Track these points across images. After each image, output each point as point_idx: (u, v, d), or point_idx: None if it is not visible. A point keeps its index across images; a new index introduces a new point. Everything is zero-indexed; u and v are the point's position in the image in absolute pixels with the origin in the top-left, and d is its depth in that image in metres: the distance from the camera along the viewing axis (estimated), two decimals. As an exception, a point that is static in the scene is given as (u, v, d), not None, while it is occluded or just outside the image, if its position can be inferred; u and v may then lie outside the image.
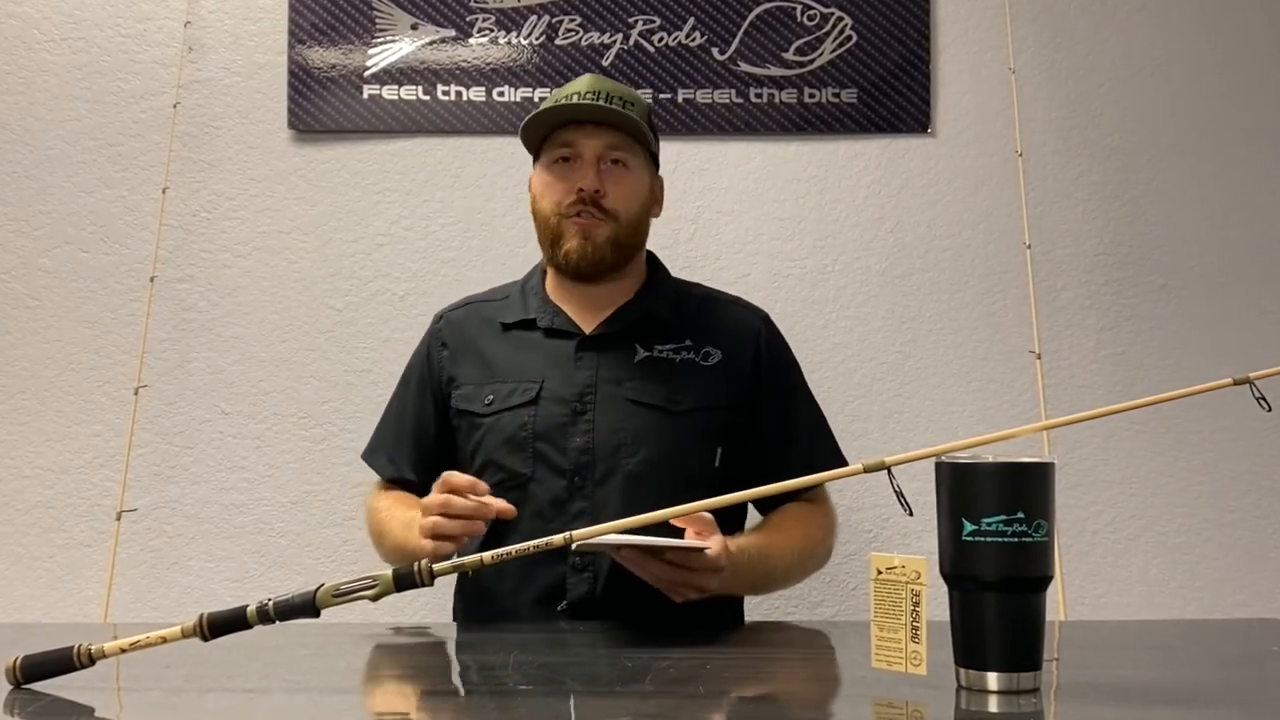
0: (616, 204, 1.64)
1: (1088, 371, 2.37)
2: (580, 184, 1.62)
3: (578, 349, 1.64)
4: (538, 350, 1.66)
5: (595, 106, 1.61)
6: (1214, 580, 2.35)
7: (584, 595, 1.54)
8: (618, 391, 1.61)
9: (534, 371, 1.64)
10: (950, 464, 1.02)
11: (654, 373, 1.64)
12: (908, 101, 2.38)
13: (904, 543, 2.28)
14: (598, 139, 1.63)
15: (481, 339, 1.71)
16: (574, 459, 1.58)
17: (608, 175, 1.64)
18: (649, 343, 1.66)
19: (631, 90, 1.69)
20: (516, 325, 1.69)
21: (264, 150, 2.35)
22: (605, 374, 1.63)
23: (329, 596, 1.07)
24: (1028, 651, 1.00)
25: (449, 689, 1.18)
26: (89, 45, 2.35)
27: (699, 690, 1.09)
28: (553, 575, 1.55)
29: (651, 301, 1.70)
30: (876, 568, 1.03)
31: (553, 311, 1.68)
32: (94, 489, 2.29)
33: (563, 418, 1.60)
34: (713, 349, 1.67)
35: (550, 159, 1.67)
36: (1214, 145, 2.41)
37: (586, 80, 1.67)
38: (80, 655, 1.07)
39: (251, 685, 1.13)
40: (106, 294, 2.32)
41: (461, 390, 1.67)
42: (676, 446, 1.61)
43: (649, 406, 1.61)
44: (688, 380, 1.64)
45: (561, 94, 1.67)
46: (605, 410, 1.60)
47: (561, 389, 1.62)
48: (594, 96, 1.62)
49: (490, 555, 1.10)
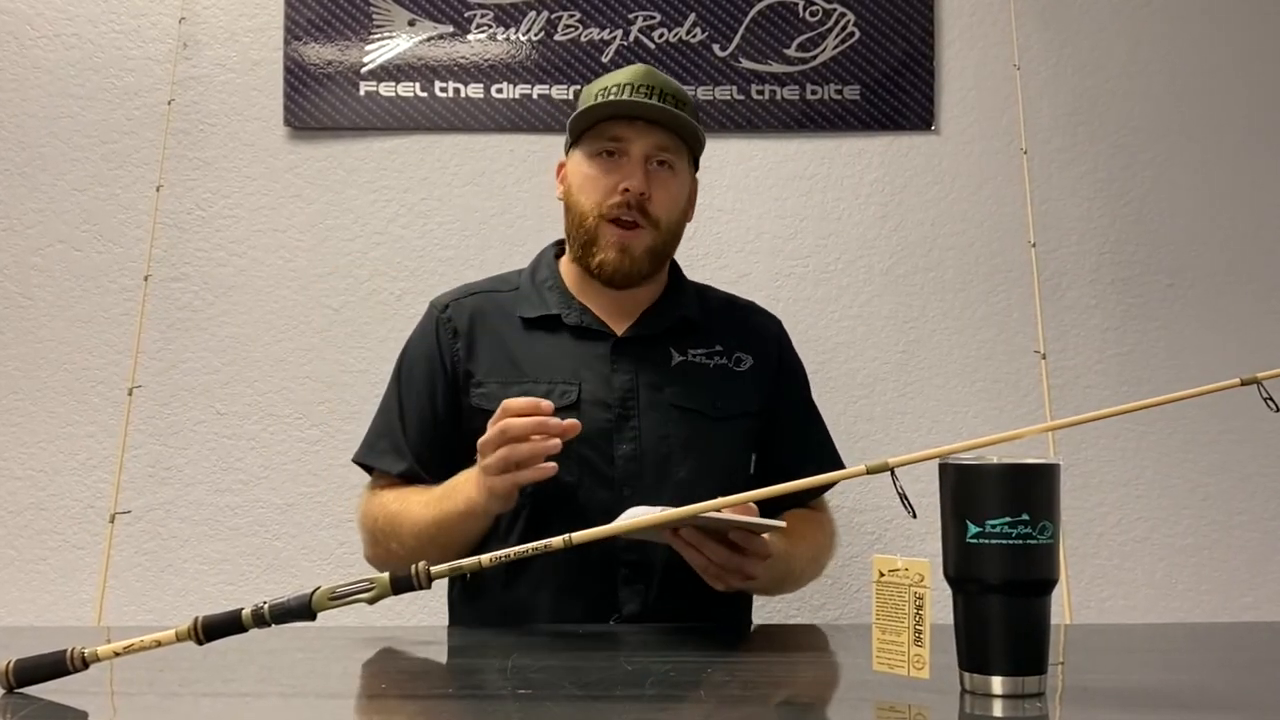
0: (659, 210, 1.58)
1: (1093, 371, 2.37)
2: (626, 183, 1.56)
3: (613, 351, 1.60)
4: (569, 350, 1.60)
5: (655, 106, 1.56)
6: (1221, 583, 2.35)
7: (638, 610, 1.52)
8: (660, 397, 1.59)
9: (568, 373, 1.58)
10: (954, 465, 1.02)
11: (692, 378, 1.62)
12: (911, 98, 2.38)
13: (907, 545, 2.28)
14: (649, 137, 1.57)
15: (502, 332, 1.63)
16: (622, 467, 1.54)
17: (654, 177, 1.58)
18: (682, 346, 1.64)
19: (682, 87, 1.63)
20: (539, 321, 1.63)
21: (259, 148, 2.35)
22: (645, 378, 1.59)
23: (325, 599, 1.07)
24: (1033, 655, 1.00)
25: (446, 693, 1.17)
26: (82, 41, 2.36)
27: (699, 695, 1.09)
28: (601, 587, 1.52)
29: (680, 304, 1.67)
30: (879, 570, 1.03)
31: (580, 309, 1.63)
32: (87, 491, 2.29)
33: (606, 423, 1.55)
34: (743, 354, 1.66)
35: (594, 149, 1.59)
36: (1222, 142, 2.41)
37: (640, 72, 1.60)
38: (74, 659, 1.07)
39: (247, 689, 1.13)
40: (100, 293, 2.32)
41: (485, 388, 1.59)
42: (719, 453, 1.60)
43: (692, 413, 1.59)
44: (724, 386, 1.63)
45: (612, 82, 1.59)
46: (650, 416, 1.57)
47: (601, 393, 1.57)
48: (648, 91, 1.56)
49: (488, 557, 1.10)
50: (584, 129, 1.61)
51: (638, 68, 1.62)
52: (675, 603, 1.51)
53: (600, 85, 1.62)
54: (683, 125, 1.59)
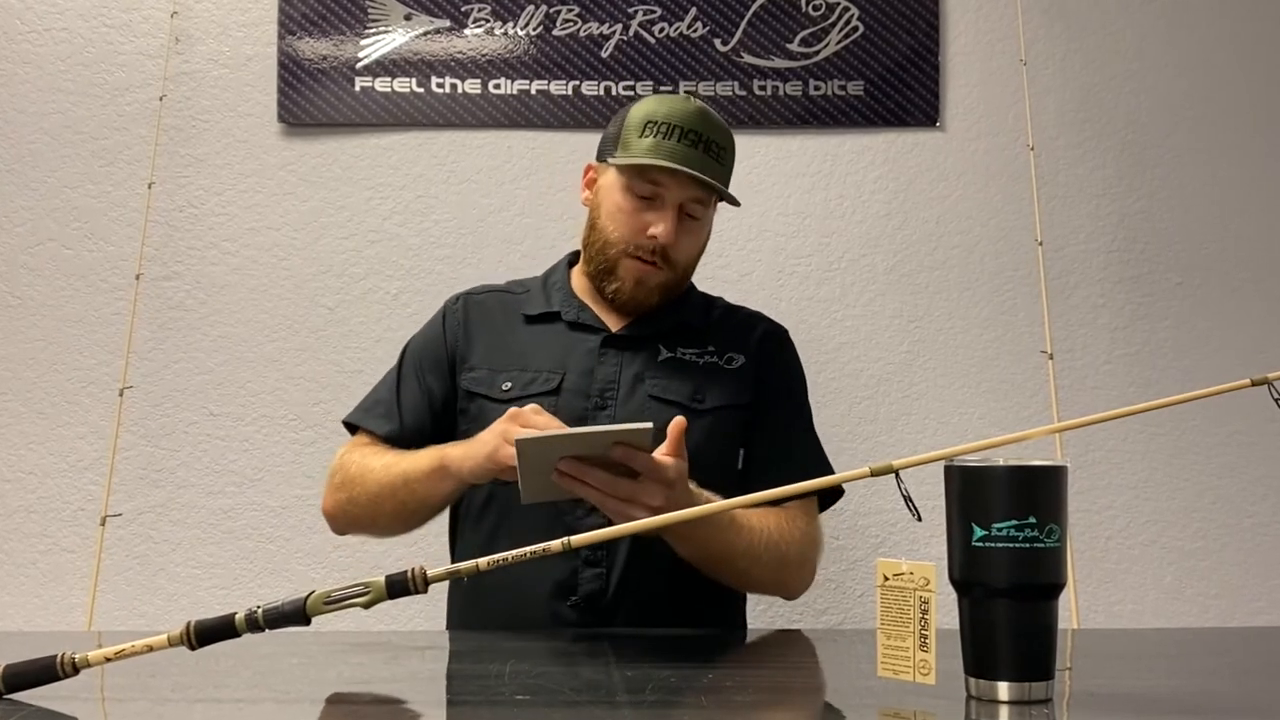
0: (680, 255, 1.66)
1: (1101, 372, 2.37)
2: (655, 230, 1.61)
3: (602, 345, 1.66)
4: (560, 342, 1.67)
5: (703, 166, 1.60)
6: (1231, 587, 2.35)
7: (596, 590, 1.55)
8: (640, 388, 1.63)
9: (555, 363, 1.65)
10: (960, 467, 1.02)
11: (676, 372, 1.66)
12: (916, 94, 2.38)
13: (912, 548, 2.28)
14: (686, 190, 1.62)
15: (502, 325, 1.72)
16: None
17: (681, 226, 1.64)
18: (673, 344, 1.68)
19: (727, 130, 1.66)
20: (539, 318, 1.71)
21: (253, 144, 2.35)
22: (629, 371, 1.64)
23: (320, 604, 1.07)
24: (1039, 661, 1.00)
25: (443, 699, 1.18)
26: (72, 36, 2.36)
27: (701, 701, 1.09)
28: (563, 570, 1.55)
29: (681, 311, 1.72)
30: (883, 574, 1.03)
31: (578, 307, 1.70)
32: (78, 493, 2.29)
33: (583, 411, 1.60)
34: (736, 355, 1.69)
35: (632, 186, 1.63)
36: (1232, 138, 2.41)
37: (693, 116, 1.62)
38: (64, 664, 1.07)
39: (240, 695, 1.13)
40: (90, 292, 2.32)
41: (475, 373, 1.67)
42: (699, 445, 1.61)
43: (670, 404, 1.61)
44: (710, 381, 1.66)
45: (664, 117, 1.61)
46: (626, 406, 1.61)
47: (583, 382, 1.63)
48: (695, 139, 1.60)
49: (486, 561, 1.10)
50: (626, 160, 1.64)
51: (690, 108, 1.64)
52: (641, 588, 1.54)
53: (649, 113, 1.63)
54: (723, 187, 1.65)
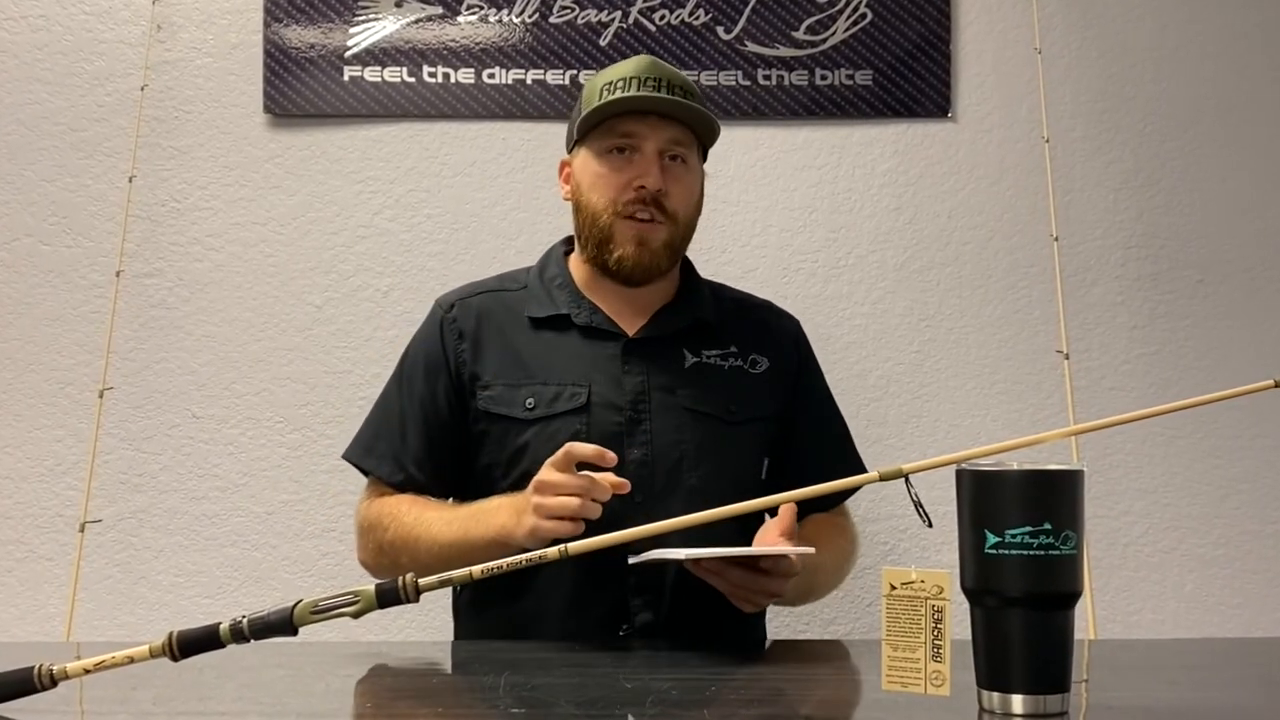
0: (676, 205, 1.63)
1: (1119, 373, 2.37)
2: (642, 180, 1.59)
3: (624, 352, 1.63)
4: (576, 350, 1.63)
5: (668, 100, 1.59)
6: (1255, 596, 2.35)
7: (650, 620, 1.55)
8: (672, 400, 1.61)
9: (578, 374, 1.61)
10: (972, 472, 1.02)
11: (706, 381, 1.64)
12: (926, 84, 2.38)
13: (922, 556, 2.29)
14: (662, 132, 1.61)
15: (509, 333, 1.66)
16: (633, 473, 1.53)
17: (669, 172, 1.61)
18: (696, 348, 1.67)
19: (686, 77, 1.66)
20: (548, 321, 1.66)
21: (238, 136, 2.35)
22: (657, 380, 1.62)
23: (307, 613, 1.07)
24: (1055, 672, 1.00)
25: (435, 712, 1.18)
26: (50, 23, 2.35)
27: (703, 714, 1.09)
28: (612, 598, 1.55)
29: (694, 305, 1.71)
30: (889, 583, 1.02)
31: (589, 309, 1.66)
32: (56, 499, 2.29)
33: (616, 427, 1.58)
34: (759, 357, 1.69)
35: (604, 147, 1.62)
36: (1254, 130, 2.41)
37: (645, 63, 1.62)
38: (41, 676, 1.07)
39: (224, 708, 1.13)
40: (69, 289, 2.32)
41: (491, 391, 1.62)
42: (732, 458, 1.62)
43: (706, 416, 1.61)
44: (740, 389, 1.66)
45: (616, 76, 1.62)
46: (662, 420, 1.60)
47: (611, 395, 1.60)
48: (655, 84, 1.59)
49: (480, 569, 1.10)
50: (591, 126, 1.63)
51: (640, 58, 1.65)
52: (690, 612, 1.54)
53: (603, 80, 1.64)
54: (697, 118, 1.62)
